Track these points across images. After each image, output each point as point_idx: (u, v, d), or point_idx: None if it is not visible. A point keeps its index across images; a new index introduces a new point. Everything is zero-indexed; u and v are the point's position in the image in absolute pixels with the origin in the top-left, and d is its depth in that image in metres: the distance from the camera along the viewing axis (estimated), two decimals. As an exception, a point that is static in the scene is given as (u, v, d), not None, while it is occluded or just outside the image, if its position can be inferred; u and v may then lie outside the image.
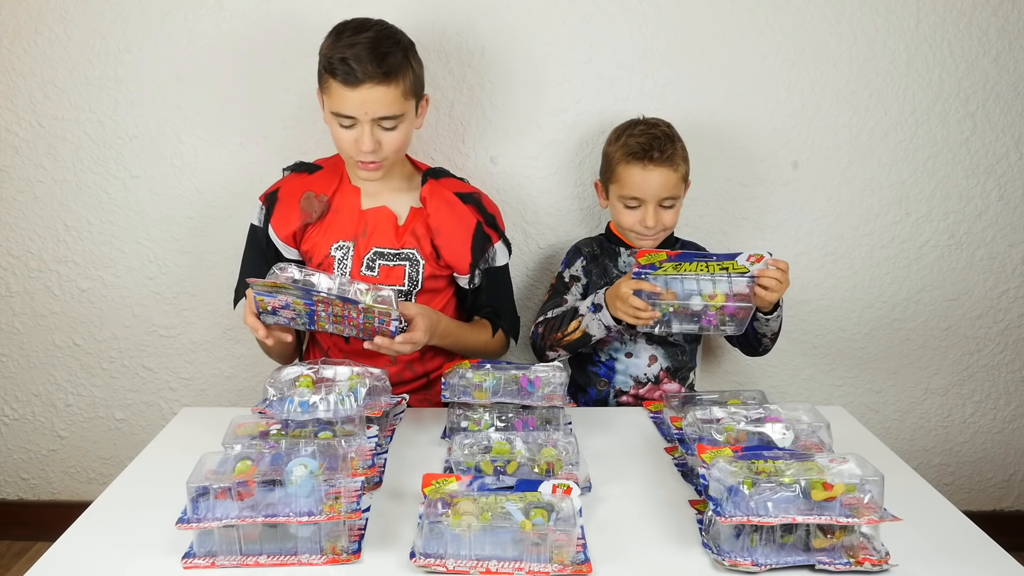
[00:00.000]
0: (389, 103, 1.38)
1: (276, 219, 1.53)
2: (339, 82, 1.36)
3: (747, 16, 1.77)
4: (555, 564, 0.93)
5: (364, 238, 1.51)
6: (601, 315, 1.47)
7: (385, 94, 1.37)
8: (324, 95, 1.42)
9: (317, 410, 1.14)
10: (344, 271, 1.51)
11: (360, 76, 1.34)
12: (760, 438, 1.12)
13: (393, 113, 1.39)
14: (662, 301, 1.37)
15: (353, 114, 1.38)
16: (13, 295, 1.92)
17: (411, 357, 1.56)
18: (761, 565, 0.95)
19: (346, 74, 1.34)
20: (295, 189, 1.54)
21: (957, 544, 1.03)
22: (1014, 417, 2.09)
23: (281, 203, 1.53)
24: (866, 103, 1.83)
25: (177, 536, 0.98)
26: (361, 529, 1.02)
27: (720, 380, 2.00)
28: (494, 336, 1.61)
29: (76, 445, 2.04)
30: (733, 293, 1.37)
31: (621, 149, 1.57)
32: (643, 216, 1.55)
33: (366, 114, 1.37)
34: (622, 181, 1.56)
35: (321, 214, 1.52)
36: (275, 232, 1.53)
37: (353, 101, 1.36)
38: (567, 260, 1.69)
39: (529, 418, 1.29)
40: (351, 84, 1.35)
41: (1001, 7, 1.79)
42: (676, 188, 1.55)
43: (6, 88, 1.79)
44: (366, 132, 1.39)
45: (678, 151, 1.56)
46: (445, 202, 1.54)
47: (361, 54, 1.34)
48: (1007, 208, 1.92)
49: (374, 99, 1.36)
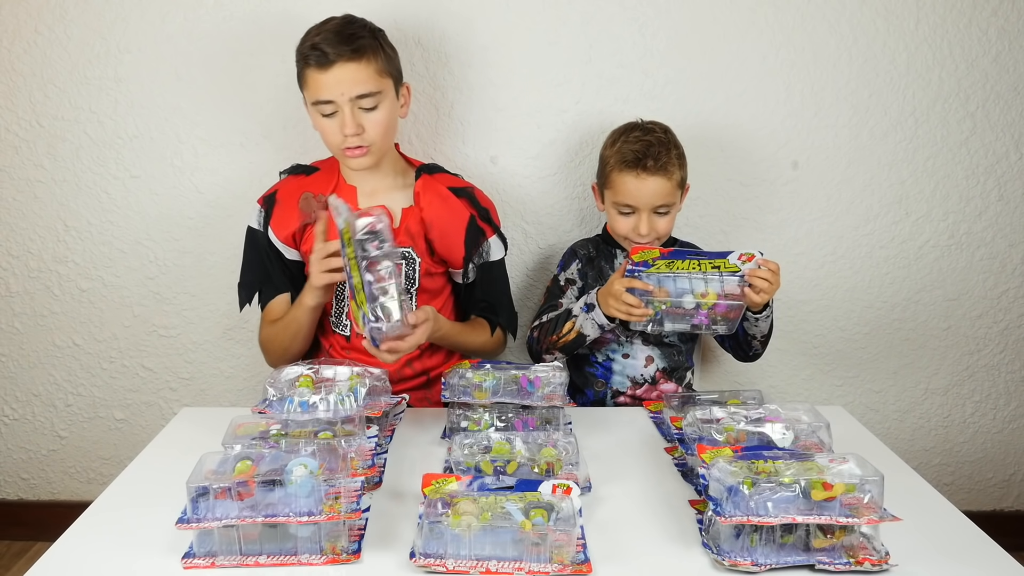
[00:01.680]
0: (363, 80, 1.40)
1: (275, 221, 1.53)
2: (313, 68, 1.39)
3: (747, 16, 1.77)
4: (555, 564, 0.93)
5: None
6: (594, 314, 1.48)
7: (357, 71, 1.39)
8: (304, 92, 1.45)
9: (317, 410, 1.14)
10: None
11: (332, 57, 1.37)
12: (760, 438, 1.13)
13: (369, 90, 1.41)
14: (655, 299, 1.37)
15: (330, 97, 1.40)
16: (13, 295, 1.92)
17: (410, 355, 1.56)
18: (761, 565, 0.95)
19: (318, 58, 1.38)
20: (293, 190, 1.54)
21: (957, 544, 1.03)
22: (1014, 417, 2.09)
23: (279, 205, 1.54)
24: (866, 103, 1.83)
25: (177, 536, 0.98)
26: (361, 529, 1.02)
27: (719, 380, 2.00)
28: (492, 335, 1.61)
29: (76, 445, 2.04)
30: (725, 293, 1.37)
31: (616, 156, 1.56)
32: (636, 224, 1.55)
33: (343, 94, 1.39)
34: (616, 188, 1.56)
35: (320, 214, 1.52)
36: (275, 234, 1.53)
37: (328, 83, 1.39)
38: (562, 263, 1.69)
39: (529, 418, 1.29)
40: (324, 66, 1.38)
41: (1001, 7, 1.79)
42: (670, 196, 1.54)
43: (6, 88, 1.79)
44: (347, 114, 1.40)
45: (673, 158, 1.54)
46: (438, 196, 1.54)
47: (329, 37, 1.39)
48: (1007, 208, 1.92)
49: (347, 77, 1.39)
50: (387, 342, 1.25)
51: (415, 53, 1.77)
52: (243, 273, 1.59)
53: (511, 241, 1.90)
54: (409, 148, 1.83)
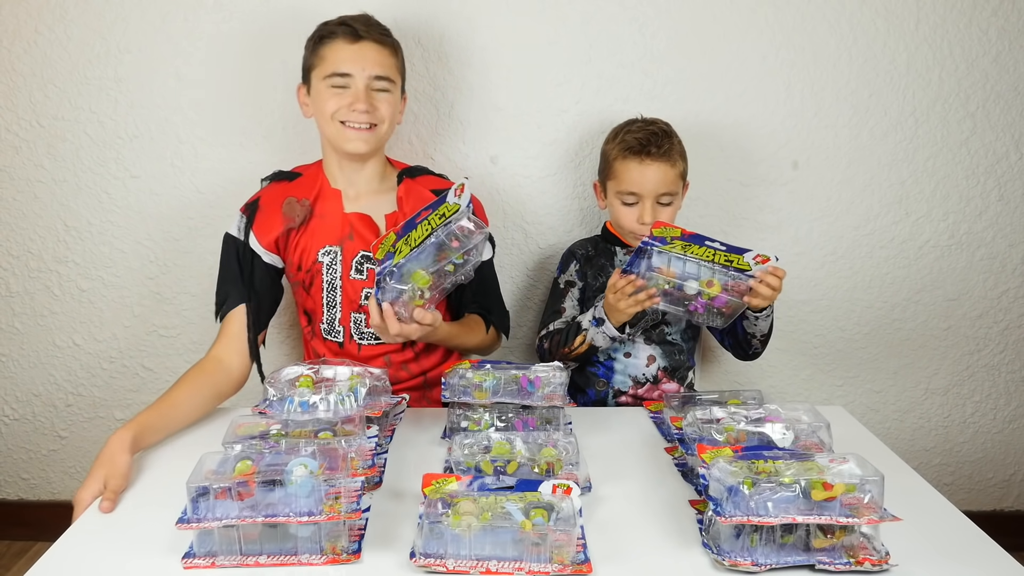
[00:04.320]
0: (385, 64, 1.46)
1: (258, 227, 1.50)
2: (340, 40, 1.43)
3: (747, 16, 1.77)
4: (555, 564, 0.93)
5: (351, 241, 1.51)
6: (605, 328, 1.48)
7: (382, 54, 1.46)
8: (316, 69, 1.46)
9: (317, 410, 1.14)
10: (334, 276, 1.51)
11: (362, 32, 1.43)
12: (760, 438, 1.12)
13: (388, 75, 1.46)
14: (659, 276, 1.37)
15: (350, 70, 1.43)
16: (13, 295, 1.92)
17: (405, 357, 1.56)
18: (761, 565, 0.95)
19: (348, 32, 1.43)
20: (276, 196, 1.53)
21: (957, 544, 1.03)
22: (1014, 417, 2.09)
23: (262, 211, 1.51)
24: (866, 103, 1.83)
25: (177, 536, 0.98)
26: (361, 529, 1.02)
27: (720, 380, 2.00)
28: (488, 332, 1.62)
29: (76, 445, 2.04)
30: (729, 288, 1.37)
31: (619, 146, 1.57)
32: (640, 213, 1.55)
33: (363, 69, 1.43)
34: (619, 177, 1.57)
35: (304, 219, 1.51)
36: (257, 240, 1.50)
37: (353, 55, 1.43)
38: (561, 265, 1.70)
39: (529, 418, 1.29)
40: (353, 39, 1.43)
41: (1001, 7, 1.79)
42: (673, 184, 1.56)
43: (6, 88, 1.79)
44: (361, 89, 1.43)
45: (675, 147, 1.57)
46: (421, 200, 1.53)
47: (360, 18, 1.46)
48: (1007, 208, 1.92)
49: (372, 55, 1.44)
50: (390, 307, 1.27)
51: (415, 53, 1.77)
52: (220, 283, 1.52)
53: (511, 241, 1.90)
54: (409, 148, 1.83)
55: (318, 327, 1.57)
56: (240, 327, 1.47)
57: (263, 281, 1.51)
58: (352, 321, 1.54)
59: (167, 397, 1.32)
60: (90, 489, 1.11)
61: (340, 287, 1.52)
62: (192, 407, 1.34)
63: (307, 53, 1.49)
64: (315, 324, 1.57)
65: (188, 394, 1.35)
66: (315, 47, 1.47)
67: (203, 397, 1.37)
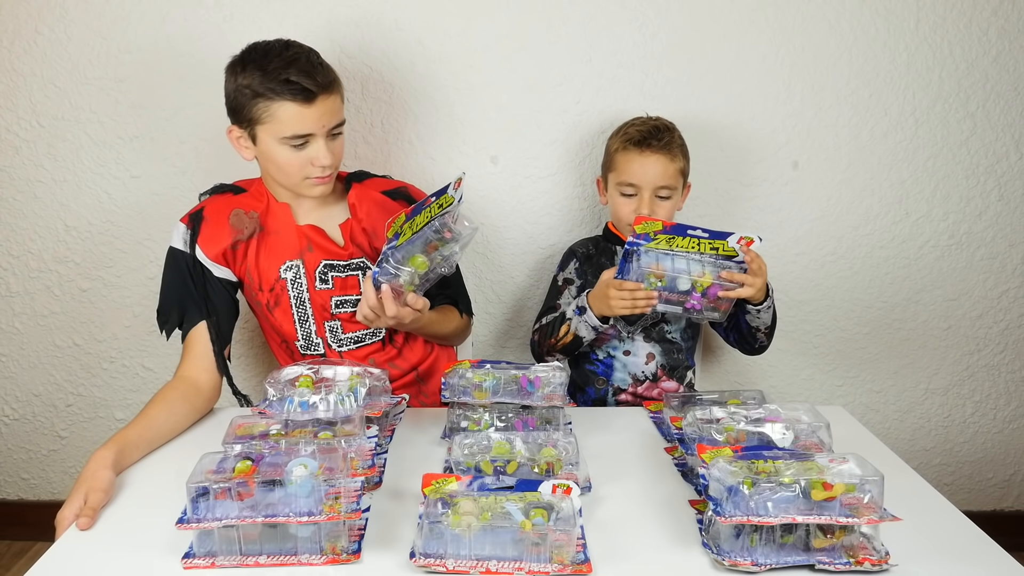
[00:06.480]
0: (338, 110, 1.40)
1: (204, 238, 1.44)
2: (291, 102, 1.33)
3: (747, 16, 1.77)
4: (555, 564, 0.93)
5: (311, 253, 1.48)
6: (587, 317, 1.49)
7: (335, 102, 1.38)
8: (264, 125, 1.36)
9: (317, 410, 1.14)
10: (300, 290, 1.48)
11: (315, 90, 1.33)
12: (760, 438, 1.12)
13: (342, 119, 1.42)
14: (651, 276, 1.38)
15: (312, 130, 1.35)
16: (13, 295, 1.92)
17: (389, 355, 1.55)
18: (761, 565, 0.95)
19: (299, 92, 1.32)
20: (222, 207, 1.48)
21: (957, 544, 1.03)
22: (1014, 417, 2.09)
23: (207, 222, 1.46)
24: (866, 103, 1.83)
25: (177, 536, 0.98)
26: (361, 529, 1.02)
27: (720, 380, 2.00)
28: (460, 318, 1.62)
29: (76, 445, 2.04)
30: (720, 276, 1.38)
31: (621, 138, 1.60)
32: (638, 206, 1.56)
33: (323, 127, 1.36)
34: (619, 168, 1.58)
35: (252, 232, 1.47)
36: (203, 252, 1.44)
37: (311, 117, 1.34)
38: (561, 263, 1.71)
39: (529, 418, 1.29)
40: (308, 100, 1.33)
41: (1001, 7, 1.79)
42: (673, 179, 1.56)
43: (6, 88, 1.79)
44: (322, 146, 1.37)
45: (676, 141, 1.58)
46: (374, 204, 1.52)
47: (304, 69, 1.33)
48: (1007, 208, 1.92)
49: (328, 109, 1.36)
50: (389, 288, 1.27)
51: (415, 53, 1.77)
52: (163, 299, 1.46)
53: (511, 241, 1.90)
54: (409, 148, 1.83)
55: (295, 346, 1.53)
56: (205, 345, 1.43)
57: (220, 295, 1.46)
58: (328, 331, 1.51)
59: (144, 416, 1.30)
60: (72, 507, 1.08)
61: (308, 299, 1.49)
62: (170, 426, 1.32)
63: (243, 100, 1.36)
64: (290, 343, 1.53)
65: (165, 413, 1.32)
66: (260, 102, 1.34)
67: (179, 415, 1.35)
